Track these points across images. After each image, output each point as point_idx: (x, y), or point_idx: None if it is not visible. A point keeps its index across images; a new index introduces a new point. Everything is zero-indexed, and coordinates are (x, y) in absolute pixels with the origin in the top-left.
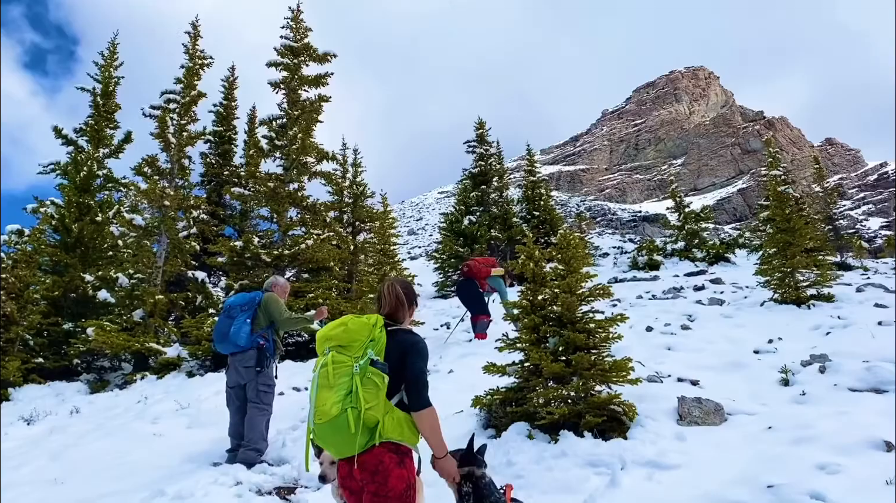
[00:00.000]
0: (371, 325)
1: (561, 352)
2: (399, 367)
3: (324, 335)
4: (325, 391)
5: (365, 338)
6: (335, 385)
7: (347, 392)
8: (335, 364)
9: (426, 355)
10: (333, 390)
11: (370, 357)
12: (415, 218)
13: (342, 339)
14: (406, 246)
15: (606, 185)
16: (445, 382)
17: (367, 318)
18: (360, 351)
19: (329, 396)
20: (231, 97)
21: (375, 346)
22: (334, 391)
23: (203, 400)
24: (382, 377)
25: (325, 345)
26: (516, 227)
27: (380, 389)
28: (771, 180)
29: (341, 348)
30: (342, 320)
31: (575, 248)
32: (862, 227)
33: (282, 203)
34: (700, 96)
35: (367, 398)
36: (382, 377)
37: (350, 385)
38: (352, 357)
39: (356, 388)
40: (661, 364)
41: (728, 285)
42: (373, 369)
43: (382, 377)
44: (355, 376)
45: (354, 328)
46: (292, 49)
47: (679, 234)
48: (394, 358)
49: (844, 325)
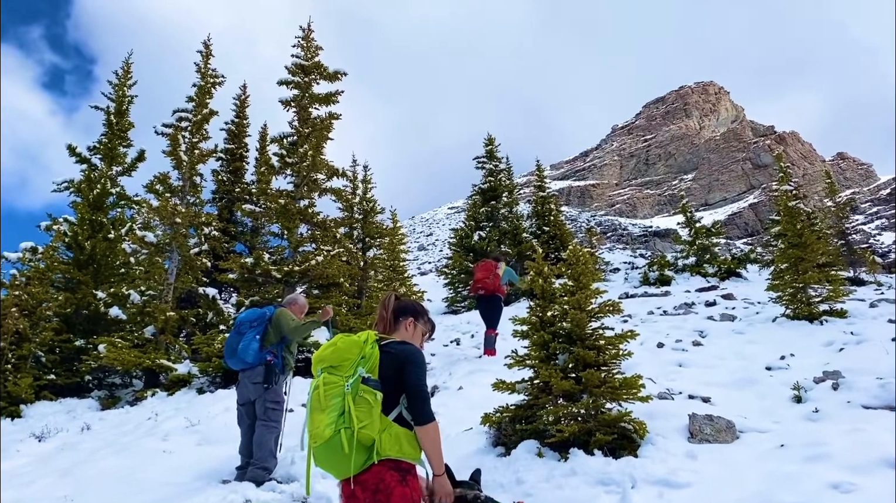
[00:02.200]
0: (362, 343)
1: (570, 369)
2: (396, 381)
3: (317, 357)
4: (318, 413)
5: (355, 356)
6: (327, 407)
7: (340, 413)
8: (326, 385)
9: (423, 365)
10: (326, 412)
11: (361, 375)
12: (425, 233)
13: (333, 360)
14: (416, 261)
15: (617, 200)
16: (455, 399)
17: (358, 336)
18: (350, 369)
19: (322, 418)
20: (243, 115)
21: (367, 363)
22: (326, 413)
23: (213, 416)
24: (375, 394)
25: (317, 366)
26: (526, 242)
27: (373, 407)
28: (782, 195)
29: (333, 369)
30: (333, 340)
31: (584, 264)
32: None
33: (292, 219)
34: (710, 111)
35: (360, 417)
36: (375, 394)
37: (342, 405)
38: (343, 376)
39: (348, 408)
40: (672, 381)
41: (740, 301)
42: (364, 387)
43: (375, 394)
44: (347, 396)
45: (344, 347)
46: (303, 67)
47: (690, 250)
48: (390, 372)
49: (858, 342)
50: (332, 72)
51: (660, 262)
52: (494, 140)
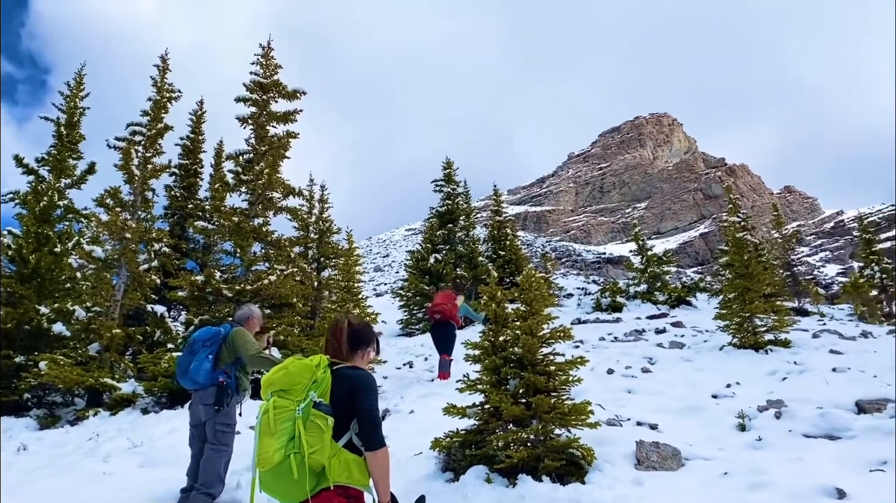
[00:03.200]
0: (314, 367)
1: (521, 394)
2: (348, 406)
3: (267, 380)
4: (267, 438)
5: (307, 381)
6: (276, 431)
7: (290, 437)
8: (276, 409)
9: (375, 391)
10: (275, 436)
11: (313, 399)
12: (381, 254)
13: (283, 383)
14: (372, 283)
15: (572, 226)
16: (406, 423)
17: (310, 360)
18: (302, 394)
19: (271, 443)
20: (199, 131)
21: (318, 388)
22: (276, 437)
23: (157, 438)
24: (326, 419)
25: (267, 390)
26: (482, 266)
27: (324, 432)
28: (730, 226)
29: (283, 392)
30: (284, 363)
31: (537, 289)
32: (819, 273)
33: (246, 238)
34: (664, 142)
35: (310, 442)
36: (326, 419)
37: (292, 430)
38: (294, 401)
39: (299, 433)
40: (621, 407)
41: (689, 328)
42: (316, 412)
43: (326, 419)
44: (297, 420)
45: (295, 371)
46: (261, 85)
47: (642, 277)
48: (341, 396)
49: (800, 371)
50: (291, 90)
51: (612, 289)
52: (453, 164)
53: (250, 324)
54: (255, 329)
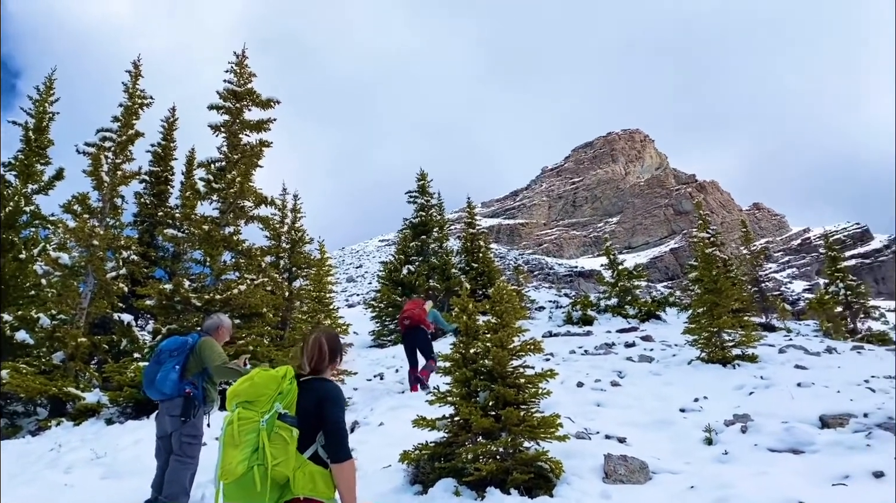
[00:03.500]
0: (279, 378)
1: (491, 406)
2: (314, 418)
3: (232, 391)
4: (231, 449)
5: (273, 392)
6: (241, 443)
7: (254, 449)
8: (241, 421)
9: (343, 403)
10: (239, 448)
11: (277, 411)
12: (354, 265)
13: (249, 395)
14: (344, 293)
15: (544, 239)
16: (375, 435)
17: (277, 371)
18: (267, 405)
19: (235, 454)
20: (170, 138)
21: (284, 399)
22: (240, 449)
23: (121, 449)
24: (291, 431)
25: (232, 401)
26: (455, 278)
27: (288, 444)
28: (699, 242)
29: (248, 404)
30: (250, 375)
31: (508, 302)
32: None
33: (216, 246)
34: (636, 158)
35: (274, 454)
36: (291, 431)
37: (256, 441)
38: (258, 412)
39: (262, 445)
40: (590, 420)
41: (658, 343)
42: (281, 423)
43: (291, 431)
44: (262, 432)
45: (261, 382)
46: (235, 93)
47: (612, 291)
48: (308, 408)
49: (766, 386)
50: (265, 99)
51: (583, 302)
52: (427, 175)
53: (219, 334)
54: (225, 339)
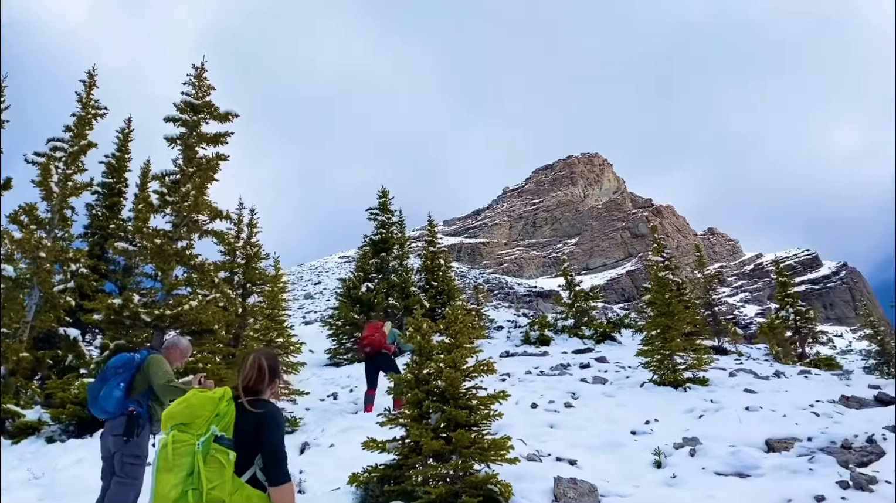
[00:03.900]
0: (216, 399)
1: (442, 428)
2: (252, 440)
3: (167, 413)
4: (165, 474)
5: (209, 414)
6: (175, 466)
7: (188, 473)
8: (175, 443)
9: (282, 425)
10: (173, 472)
11: (214, 433)
12: (313, 281)
13: (184, 417)
14: (302, 310)
15: (505, 259)
16: (325, 457)
17: (214, 392)
18: (203, 427)
19: (168, 479)
20: (125, 149)
21: (221, 421)
22: (174, 473)
23: (61, 469)
24: (227, 454)
25: (167, 423)
26: (414, 296)
27: (225, 467)
28: (653, 265)
29: (184, 426)
30: (186, 396)
31: (462, 323)
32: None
33: (168, 261)
34: (594, 181)
35: (210, 478)
36: (227, 454)
37: (191, 465)
38: (194, 435)
39: (198, 468)
40: (542, 442)
41: (612, 364)
42: (217, 446)
43: (227, 454)
44: (197, 455)
45: (197, 403)
46: (192, 106)
47: (569, 312)
48: (246, 430)
49: (716, 409)
50: (223, 112)
51: (541, 323)
52: (388, 193)
53: (172, 354)
54: (178, 361)
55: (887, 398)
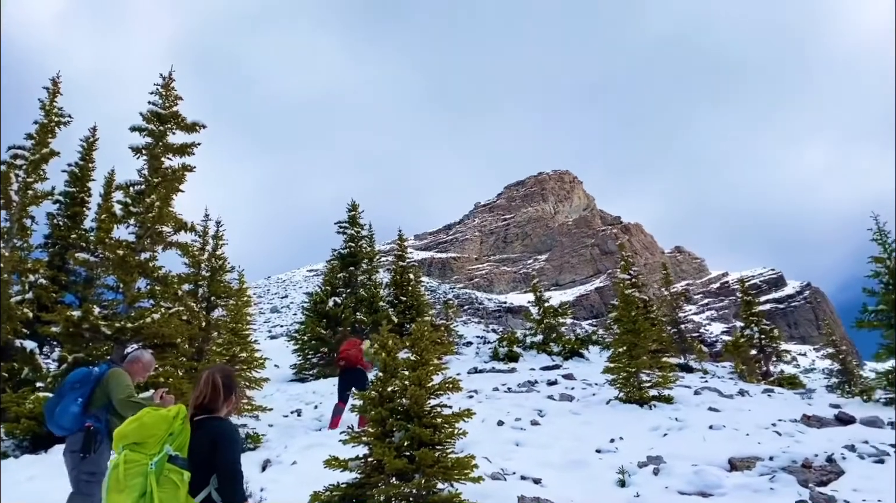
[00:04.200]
0: (171, 418)
1: (406, 447)
2: (208, 460)
3: (119, 433)
4: (115, 495)
5: (163, 433)
6: (126, 487)
7: (141, 494)
8: (127, 464)
9: (238, 443)
10: (124, 493)
11: (168, 453)
12: (280, 295)
13: (137, 436)
14: (268, 324)
15: (475, 274)
16: (287, 474)
17: (168, 411)
18: (156, 447)
19: (119, 500)
20: (89, 158)
21: (175, 441)
22: (125, 494)
23: (13, 485)
24: (182, 474)
25: (119, 443)
26: (382, 311)
27: (179, 488)
28: (620, 282)
29: (136, 446)
30: (139, 415)
31: (428, 339)
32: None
33: (130, 272)
34: (565, 198)
35: (163, 499)
36: (182, 474)
37: (144, 486)
38: (147, 454)
39: (150, 489)
40: (508, 460)
41: (579, 381)
42: (171, 466)
43: (182, 474)
44: (150, 475)
45: (151, 422)
46: (159, 116)
47: (538, 328)
48: (202, 450)
49: (680, 428)
50: (191, 123)
51: (510, 339)
52: (358, 206)
53: (134, 368)
54: (140, 375)
55: (847, 417)
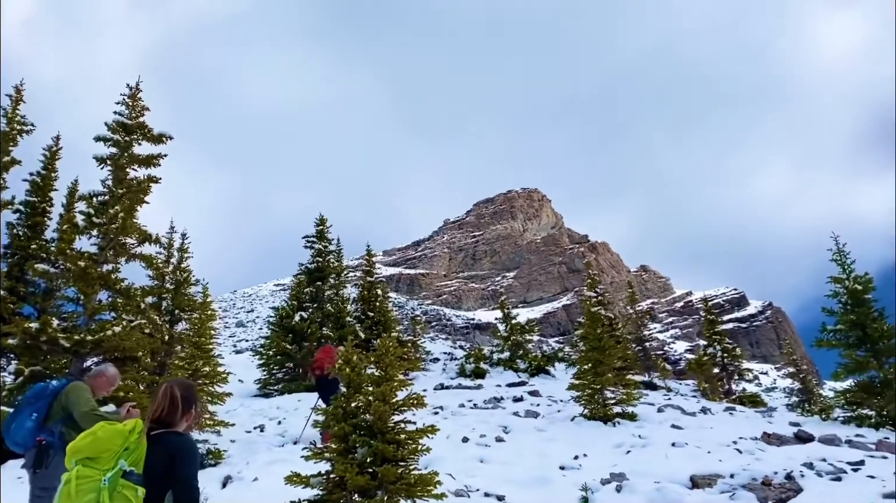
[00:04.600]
0: (126, 433)
1: (369, 463)
2: (165, 475)
3: (72, 448)
4: None
5: (118, 448)
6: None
7: None
8: (79, 479)
9: (196, 458)
10: None
11: (122, 468)
12: (246, 309)
13: (90, 451)
14: (233, 338)
15: (444, 290)
16: (248, 491)
17: (124, 425)
18: (111, 462)
19: None
20: (52, 167)
21: (130, 456)
22: None
23: None
24: (136, 490)
25: (72, 458)
26: (349, 326)
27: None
28: (586, 300)
29: (89, 461)
30: (93, 429)
31: (393, 356)
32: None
33: (91, 284)
34: (533, 216)
35: None
36: (136, 490)
37: (96, 502)
38: (101, 470)
39: None
40: (472, 477)
41: (545, 398)
42: (125, 482)
43: (136, 490)
44: (103, 491)
45: (105, 437)
46: (125, 126)
47: (505, 344)
48: (159, 464)
49: (643, 445)
50: (157, 134)
51: (477, 355)
52: (326, 221)
53: (98, 382)
54: (104, 390)
55: (806, 435)
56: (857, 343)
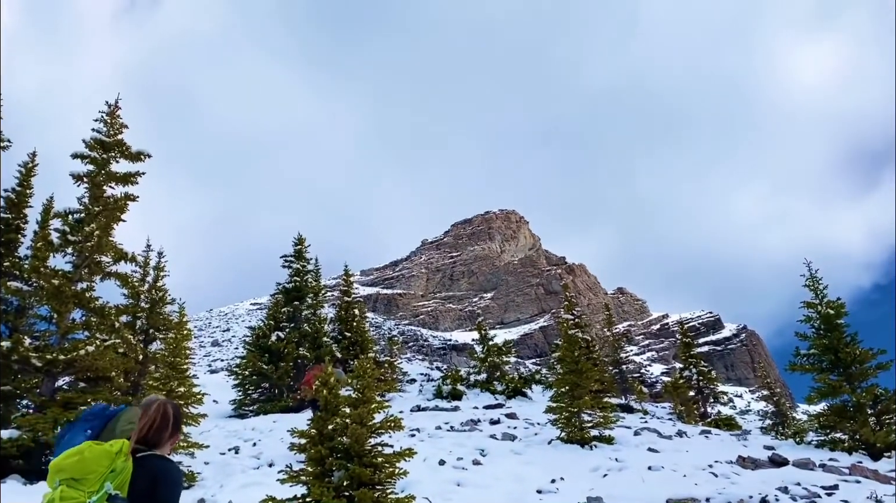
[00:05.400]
0: (113, 454)
1: (345, 486)
2: (147, 499)
3: (55, 466)
4: None
5: (104, 469)
6: None
7: None
8: (63, 501)
9: (179, 486)
10: None
11: (108, 491)
12: (221, 328)
13: (76, 471)
14: (208, 358)
15: (421, 311)
16: None
17: (111, 445)
18: (96, 484)
19: None
20: (27, 184)
21: (116, 478)
22: None
23: None
24: None
25: (55, 477)
26: (326, 346)
27: None
28: (563, 322)
29: (74, 482)
30: (79, 448)
31: (371, 377)
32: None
33: (65, 303)
34: (511, 237)
35: None
36: None
37: None
38: (85, 492)
39: None
40: (448, 501)
41: (522, 421)
42: None
43: None
44: None
45: (92, 457)
46: (103, 143)
47: (482, 366)
48: (141, 488)
49: (620, 468)
50: (135, 152)
51: (454, 377)
52: (305, 240)
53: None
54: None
55: (780, 459)
56: (830, 367)
